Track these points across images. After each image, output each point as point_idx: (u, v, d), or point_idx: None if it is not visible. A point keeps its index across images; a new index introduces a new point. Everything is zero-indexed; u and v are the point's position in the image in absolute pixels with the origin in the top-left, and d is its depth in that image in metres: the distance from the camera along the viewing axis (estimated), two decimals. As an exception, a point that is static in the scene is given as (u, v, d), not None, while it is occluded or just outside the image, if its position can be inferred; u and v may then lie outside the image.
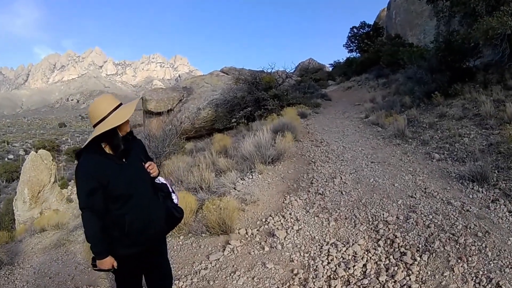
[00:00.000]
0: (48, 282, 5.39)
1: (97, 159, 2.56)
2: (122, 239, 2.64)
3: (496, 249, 4.04)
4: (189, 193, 6.48)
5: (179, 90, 21.10)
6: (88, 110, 2.66)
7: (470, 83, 11.78)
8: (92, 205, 2.52)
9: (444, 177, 6.39)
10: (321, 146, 9.45)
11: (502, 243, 4.13)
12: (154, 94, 20.43)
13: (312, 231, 5.11)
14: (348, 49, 35.52)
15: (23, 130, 74.25)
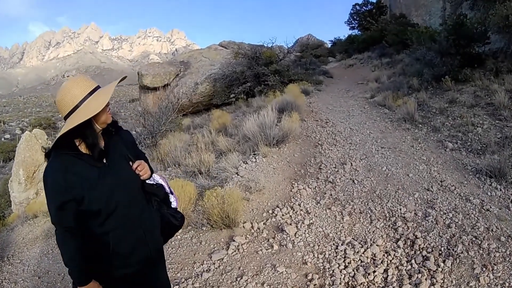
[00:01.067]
0: (37, 283, 4.77)
1: (69, 162, 1.90)
2: (108, 260, 2.03)
3: None
4: (187, 180, 5.92)
5: (176, 64, 20.27)
6: (56, 99, 1.99)
7: (479, 69, 11.23)
8: (64, 221, 1.92)
9: (459, 170, 5.99)
10: (327, 127, 8.98)
11: None
12: (150, 69, 19.59)
13: (325, 226, 4.65)
14: (350, 26, 34.36)
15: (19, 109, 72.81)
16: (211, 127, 10.54)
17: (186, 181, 5.20)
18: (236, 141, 8.18)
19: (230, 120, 11.08)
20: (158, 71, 19.15)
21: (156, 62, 28.56)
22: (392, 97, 11.17)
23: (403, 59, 18.21)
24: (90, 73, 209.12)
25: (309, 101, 12.48)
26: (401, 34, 19.41)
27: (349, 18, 34.11)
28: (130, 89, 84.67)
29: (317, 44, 38.43)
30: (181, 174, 6.84)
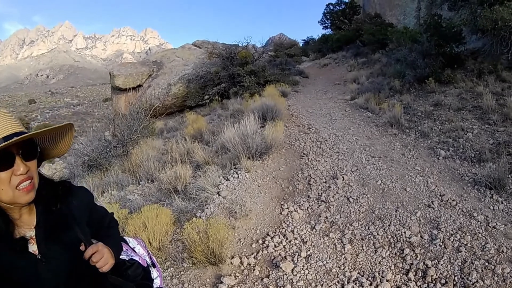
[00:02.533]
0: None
1: None
2: None
3: None
4: (162, 203, 5.48)
5: (149, 64, 19.99)
6: None
7: (460, 70, 11.29)
8: None
9: (457, 181, 5.81)
10: (310, 133, 8.66)
11: None
12: (122, 69, 19.21)
13: (325, 259, 4.21)
14: (323, 26, 34.71)
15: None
16: (185, 133, 10.02)
17: (161, 208, 4.66)
18: (213, 150, 7.66)
19: (206, 125, 10.60)
20: (130, 72, 18.77)
21: (128, 62, 27.91)
22: (374, 99, 11.02)
23: (379, 59, 18.28)
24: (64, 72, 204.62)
25: (288, 103, 12.12)
26: (377, 34, 19.49)
27: (322, 17, 34.42)
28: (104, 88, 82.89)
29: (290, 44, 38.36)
30: (154, 191, 6.27)
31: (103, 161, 8.44)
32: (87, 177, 8.08)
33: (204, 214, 4.98)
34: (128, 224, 4.28)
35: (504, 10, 8.58)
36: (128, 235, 3.92)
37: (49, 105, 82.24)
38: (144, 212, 4.39)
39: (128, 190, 6.60)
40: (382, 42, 18.45)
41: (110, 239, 1.61)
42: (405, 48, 12.10)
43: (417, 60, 11.32)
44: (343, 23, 31.36)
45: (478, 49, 12.24)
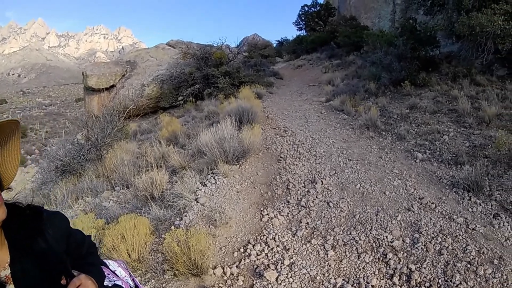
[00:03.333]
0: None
1: None
2: None
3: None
4: (139, 211, 5.34)
5: (122, 64, 19.80)
6: None
7: (435, 73, 11.64)
8: None
9: (435, 183, 5.95)
10: (286, 136, 8.67)
11: None
12: (95, 69, 19.01)
13: (309, 266, 4.19)
14: (298, 27, 35.12)
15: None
16: (160, 136, 9.90)
17: (139, 218, 4.52)
18: (189, 154, 7.55)
19: (181, 127, 10.47)
20: (103, 72, 18.57)
21: (101, 62, 27.47)
22: (350, 101, 11.17)
23: (354, 61, 18.59)
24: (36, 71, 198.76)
25: (263, 105, 12.15)
26: (352, 36, 19.85)
27: (297, 18, 34.80)
28: (76, 88, 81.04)
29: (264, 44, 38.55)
30: (130, 198, 6.10)
31: (77, 166, 8.21)
32: (60, 182, 7.84)
33: (182, 222, 4.87)
34: (105, 236, 4.16)
35: (482, 17, 8.90)
36: (106, 255, 3.85)
37: (21, 105, 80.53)
38: (122, 222, 4.29)
39: (103, 196, 6.46)
40: (357, 45, 18.83)
41: (92, 267, 1.54)
42: (381, 51, 12.35)
43: (393, 63, 11.58)
44: (318, 24, 31.87)
45: (453, 53, 12.66)
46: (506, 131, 7.18)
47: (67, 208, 6.22)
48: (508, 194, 5.28)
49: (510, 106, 8.48)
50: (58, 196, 6.79)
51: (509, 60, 10.45)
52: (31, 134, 53.66)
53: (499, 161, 6.22)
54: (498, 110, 8.15)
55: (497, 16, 8.85)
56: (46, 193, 7.80)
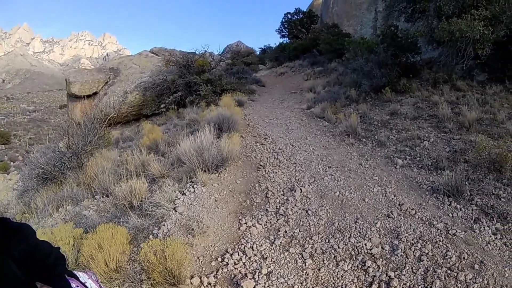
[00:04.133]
0: None
1: None
2: None
3: (497, 285, 3.72)
4: (118, 220, 5.28)
5: (106, 71, 19.80)
6: None
7: (416, 79, 11.82)
8: None
9: (414, 189, 5.97)
10: (266, 144, 8.65)
11: (501, 277, 3.82)
12: (78, 76, 18.99)
13: (287, 275, 4.16)
14: (281, 34, 35.57)
15: None
16: (141, 144, 9.90)
17: (116, 227, 4.47)
18: (169, 163, 7.52)
19: (162, 135, 10.44)
20: (87, 78, 18.56)
21: (85, 69, 27.36)
22: (331, 108, 11.23)
23: (336, 68, 18.77)
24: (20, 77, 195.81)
25: (244, 113, 12.15)
26: (334, 44, 20.09)
27: (280, 26, 35.25)
28: (60, 94, 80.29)
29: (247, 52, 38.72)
30: (110, 207, 6.08)
31: (58, 174, 8.15)
32: (42, 190, 7.82)
33: (160, 231, 4.84)
34: (83, 245, 4.16)
35: (462, 23, 9.08)
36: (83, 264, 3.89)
37: (5, 111, 79.10)
38: (99, 232, 4.29)
39: (84, 205, 6.43)
40: (338, 52, 19.04)
41: (57, 278, 1.57)
42: (361, 58, 12.50)
43: (374, 70, 11.71)
44: (301, 32, 32.27)
45: (434, 59, 12.89)
46: (486, 135, 7.28)
47: (48, 216, 6.19)
48: (488, 199, 5.33)
49: (490, 111, 8.62)
50: (39, 205, 6.81)
51: (489, 65, 10.68)
52: (15, 140, 52.69)
53: (480, 165, 6.28)
54: (478, 115, 8.28)
55: (477, 21, 9.05)
56: (27, 201, 7.80)
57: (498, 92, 9.91)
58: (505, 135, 7.12)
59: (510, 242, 4.39)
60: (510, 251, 4.23)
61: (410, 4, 12.03)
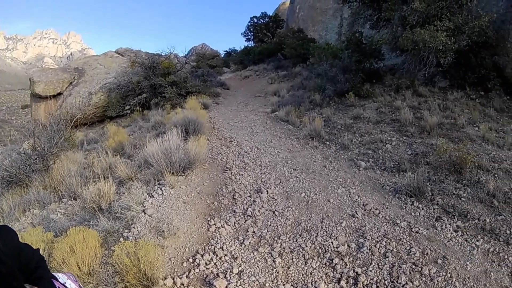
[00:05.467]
0: None
1: None
2: None
3: (460, 277, 3.97)
4: (88, 223, 5.21)
5: (70, 71, 19.42)
6: None
7: (379, 85, 12.26)
8: None
9: (378, 190, 6.23)
10: (232, 147, 8.73)
11: (463, 270, 4.08)
12: (43, 75, 18.52)
13: (258, 274, 4.26)
14: (246, 38, 35.85)
15: None
16: (107, 146, 9.78)
17: (87, 230, 4.41)
18: (136, 165, 7.48)
19: (127, 138, 10.32)
20: (51, 78, 18.16)
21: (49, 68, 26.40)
22: (295, 112, 11.44)
23: (300, 72, 19.12)
24: None
25: (209, 115, 12.20)
26: (299, 48, 20.48)
27: (246, 29, 35.49)
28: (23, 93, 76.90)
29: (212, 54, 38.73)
30: (78, 210, 5.99)
31: (23, 177, 7.87)
32: (7, 194, 7.53)
33: (131, 234, 4.80)
34: (55, 249, 4.07)
35: (425, 33, 9.53)
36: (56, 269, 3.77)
37: None
38: (71, 235, 4.23)
39: (51, 208, 6.30)
40: (303, 56, 19.44)
41: (42, 280, 1.58)
42: (326, 64, 12.83)
43: (338, 75, 12.07)
44: (266, 36, 32.79)
45: (397, 65, 13.43)
46: (447, 139, 7.72)
47: (14, 221, 6.04)
48: (449, 198, 5.65)
49: (451, 116, 9.12)
50: (4, 209, 6.61)
51: (451, 73, 11.29)
52: (-25, 142, 50.00)
53: (440, 167, 6.63)
54: (439, 120, 8.74)
55: (440, 32, 9.52)
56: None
57: (459, 98, 10.49)
58: (465, 139, 7.53)
59: (471, 238, 4.67)
60: (471, 247, 4.50)
61: (376, 12, 12.51)
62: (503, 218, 5.06)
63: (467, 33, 9.75)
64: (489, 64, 10.66)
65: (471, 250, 4.45)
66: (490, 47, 10.59)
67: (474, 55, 10.73)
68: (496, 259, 4.29)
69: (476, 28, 9.58)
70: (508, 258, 4.27)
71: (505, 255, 4.33)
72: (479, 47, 10.52)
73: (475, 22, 9.56)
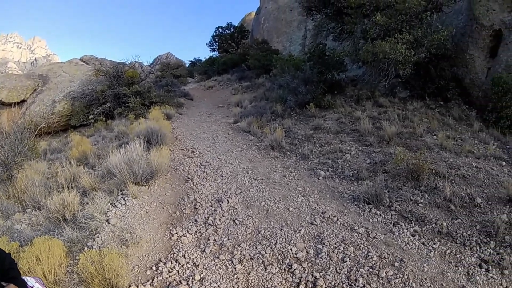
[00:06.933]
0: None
1: None
2: None
3: (417, 279, 4.16)
4: (53, 233, 5.19)
5: (35, 78, 18.99)
6: None
7: (340, 95, 12.62)
8: None
9: (336, 198, 6.43)
10: (194, 157, 8.77)
11: (420, 271, 4.28)
12: (7, 81, 17.99)
13: (219, 280, 4.36)
14: (211, 48, 35.74)
15: None
16: (70, 156, 9.65)
17: (52, 239, 4.44)
18: (100, 175, 7.52)
19: (91, 148, 10.22)
20: (15, 85, 17.68)
21: (13, 74, 25.49)
22: (256, 123, 11.58)
23: (263, 83, 19.35)
24: None
25: (172, 126, 12.18)
26: (262, 59, 20.74)
27: (211, 39, 35.36)
28: None
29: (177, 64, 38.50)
30: (43, 220, 5.97)
31: None
32: None
33: (95, 243, 4.89)
34: (21, 259, 4.14)
35: (386, 45, 9.93)
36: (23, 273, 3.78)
37: None
38: (36, 244, 4.29)
39: (15, 219, 6.25)
40: (266, 68, 19.70)
41: (15, 280, 1.75)
42: (288, 75, 13.06)
43: (299, 87, 12.33)
44: (231, 46, 32.89)
45: (358, 76, 13.89)
46: (405, 148, 8.06)
47: None
48: (407, 204, 5.91)
49: (410, 125, 9.52)
50: None
51: (411, 83, 11.80)
52: None
53: (398, 175, 6.91)
54: (398, 129, 9.11)
55: (399, 44, 9.96)
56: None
57: (418, 108, 10.97)
58: (423, 147, 7.89)
59: (428, 242, 4.93)
60: (428, 249, 4.75)
61: (339, 25, 12.91)
62: (460, 221, 5.36)
63: (426, 45, 10.24)
64: (449, 75, 11.25)
65: (428, 252, 4.68)
66: (450, 59, 11.21)
67: (433, 66, 11.30)
68: (453, 260, 4.55)
69: (435, 41, 10.08)
70: (465, 259, 4.53)
71: (462, 256, 4.60)
72: (439, 59, 11.11)
73: (434, 36, 10.05)
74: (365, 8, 11.09)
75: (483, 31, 10.30)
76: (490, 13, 10.02)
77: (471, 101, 11.01)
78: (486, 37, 10.31)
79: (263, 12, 28.55)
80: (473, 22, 10.53)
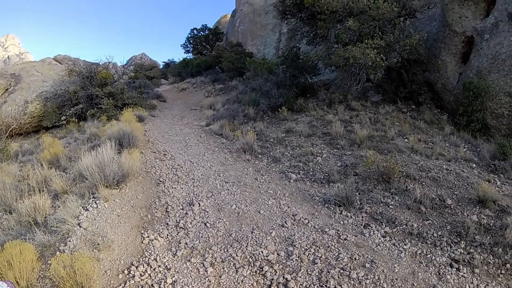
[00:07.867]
0: None
1: None
2: None
3: (388, 279, 4.26)
4: (24, 237, 5.07)
5: (7, 77, 18.39)
6: None
7: (312, 99, 12.76)
8: None
9: (307, 201, 6.49)
10: (166, 160, 8.72)
11: (391, 272, 4.39)
12: None
13: (191, 283, 4.36)
14: (185, 50, 35.53)
15: None
16: (42, 158, 9.42)
17: (24, 244, 4.35)
18: (71, 178, 7.36)
19: (63, 149, 10.01)
20: None
21: None
22: (229, 126, 11.60)
23: (236, 86, 19.39)
24: None
25: (144, 128, 12.07)
26: (236, 62, 20.75)
27: (185, 41, 35.14)
28: None
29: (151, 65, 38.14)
30: (14, 224, 5.80)
31: None
32: None
33: (67, 247, 4.84)
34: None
35: (356, 50, 10.10)
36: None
37: None
38: (7, 249, 4.23)
39: None
40: (240, 70, 19.74)
41: None
42: (261, 78, 13.15)
43: (272, 90, 12.45)
44: (205, 48, 32.80)
45: (331, 80, 14.09)
46: (376, 151, 8.22)
47: None
48: (377, 206, 6.03)
49: (382, 129, 9.73)
50: None
51: (383, 87, 12.07)
52: None
53: (369, 177, 7.03)
54: (370, 133, 9.29)
55: (370, 49, 10.15)
56: None
57: (390, 111, 11.23)
58: (394, 150, 8.08)
59: (398, 243, 5.05)
60: (399, 250, 4.86)
61: (312, 29, 13.04)
62: (430, 222, 5.51)
63: (398, 50, 10.50)
64: (421, 79, 11.59)
65: (399, 253, 4.79)
66: (422, 64, 11.55)
67: (406, 71, 11.62)
68: (423, 260, 4.67)
69: (407, 46, 10.33)
70: (435, 259, 4.66)
71: (432, 256, 4.73)
72: (411, 64, 11.42)
73: (406, 40, 10.30)
74: (339, 14, 11.24)
75: (456, 37, 10.65)
76: (463, 20, 10.36)
77: (442, 105, 11.36)
78: (459, 43, 10.66)
79: (239, 15, 28.60)
80: (446, 28, 10.87)
